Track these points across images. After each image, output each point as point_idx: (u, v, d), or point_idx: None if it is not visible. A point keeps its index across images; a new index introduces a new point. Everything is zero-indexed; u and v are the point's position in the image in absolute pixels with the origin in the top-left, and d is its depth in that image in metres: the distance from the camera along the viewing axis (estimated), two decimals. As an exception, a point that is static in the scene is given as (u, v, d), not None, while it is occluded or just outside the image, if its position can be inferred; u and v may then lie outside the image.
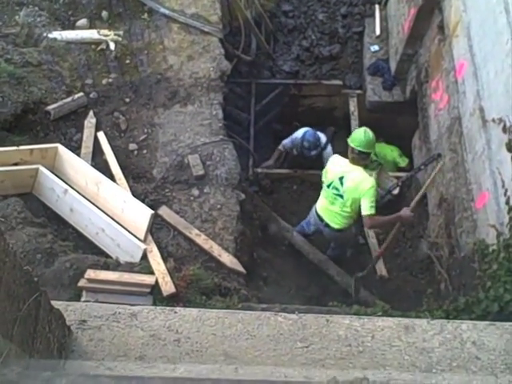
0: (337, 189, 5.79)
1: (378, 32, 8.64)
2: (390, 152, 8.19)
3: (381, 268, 6.77)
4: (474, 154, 5.52)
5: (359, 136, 5.66)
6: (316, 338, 2.92)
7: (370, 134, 5.71)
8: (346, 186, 5.69)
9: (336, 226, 6.08)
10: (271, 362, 2.78)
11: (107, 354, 2.74)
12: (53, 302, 2.65)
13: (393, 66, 8.11)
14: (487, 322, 3.00)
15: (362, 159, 5.71)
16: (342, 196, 5.77)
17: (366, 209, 5.59)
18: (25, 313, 2.28)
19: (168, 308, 3.01)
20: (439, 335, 2.88)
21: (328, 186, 5.88)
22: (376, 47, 8.55)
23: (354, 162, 5.71)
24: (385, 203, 7.14)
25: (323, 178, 6.03)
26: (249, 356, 2.79)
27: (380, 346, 2.87)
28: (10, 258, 2.17)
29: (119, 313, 2.90)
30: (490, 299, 4.41)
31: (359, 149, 5.61)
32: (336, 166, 5.85)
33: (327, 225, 6.14)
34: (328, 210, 6.03)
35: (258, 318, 3.01)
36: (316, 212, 6.26)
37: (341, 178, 5.72)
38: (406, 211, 5.76)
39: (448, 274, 5.89)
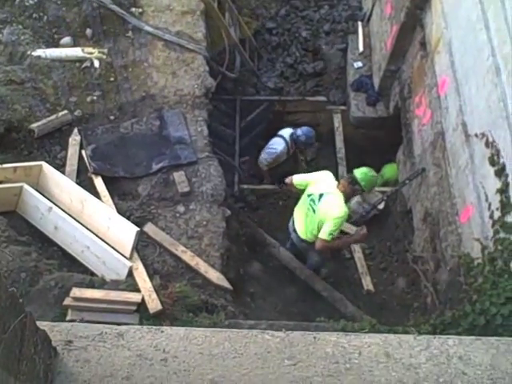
0: (314, 202, 5.84)
1: (361, 49, 8.72)
2: (390, 171, 8.06)
3: (367, 283, 6.79)
4: (458, 168, 5.57)
5: (370, 176, 5.89)
6: (303, 355, 2.91)
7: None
8: (320, 206, 5.76)
9: (301, 235, 6.13)
10: (259, 380, 2.77)
11: (94, 375, 2.70)
12: (38, 323, 2.62)
13: (376, 82, 8.17)
14: (473, 337, 3.01)
15: (352, 191, 5.85)
16: (315, 211, 5.81)
17: (325, 233, 5.65)
18: (10, 335, 2.25)
19: (155, 327, 2.98)
20: (426, 351, 2.89)
21: (308, 196, 5.92)
22: (359, 63, 8.62)
23: (343, 188, 5.79)
24: (370, 218, 7.19)
25: (306, 182, 6.02)
26: (236, 375, 2.78)
27: (367, 363, 2.87)
28: (-5, 279, 2.15)
29: (106, 333, 2.87)
30: (476, 313, 4.44)
31: (363, 183, 5.78)
32: (322, 182, 5.89)
33: (295, 230, 6.22)
34: (301, 217, 6.09)
35: (245, 336, 2.99)
36: (292, 216, 6.33)
37: (320, 195, 5.78)
38: (360, 231, 5.98)
39: (434, 288, 5.92)
